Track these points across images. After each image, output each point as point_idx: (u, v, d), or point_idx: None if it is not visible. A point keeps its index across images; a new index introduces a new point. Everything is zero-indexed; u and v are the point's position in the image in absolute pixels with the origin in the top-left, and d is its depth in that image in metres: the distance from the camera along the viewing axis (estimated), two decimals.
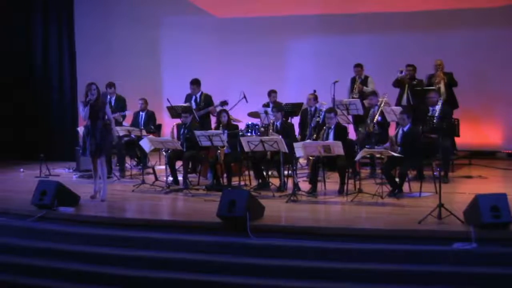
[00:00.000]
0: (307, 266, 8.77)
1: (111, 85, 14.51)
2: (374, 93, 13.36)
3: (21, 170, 14.93)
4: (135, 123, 14.50)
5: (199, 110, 13.97)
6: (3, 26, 16.77)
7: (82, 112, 11.41)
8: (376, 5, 16.37)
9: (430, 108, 12.78)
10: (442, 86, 14.16)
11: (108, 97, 14.31)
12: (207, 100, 14.12)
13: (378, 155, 12.11)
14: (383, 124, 12.89)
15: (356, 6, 16.50)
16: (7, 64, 16.67)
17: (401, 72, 14.27)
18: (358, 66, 14.71)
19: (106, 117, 11.48)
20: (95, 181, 11.74)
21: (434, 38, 15.96)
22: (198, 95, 14.16)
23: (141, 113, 14.63)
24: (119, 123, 14.09)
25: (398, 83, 14.32)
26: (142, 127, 13.96)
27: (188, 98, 14.25)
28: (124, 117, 14.59)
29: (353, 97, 14.29)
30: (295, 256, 8.96)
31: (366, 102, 13.47)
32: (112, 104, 14.37)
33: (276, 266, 8.83)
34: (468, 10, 15.86)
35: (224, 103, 13.81)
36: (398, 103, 14.19)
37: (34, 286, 9.28)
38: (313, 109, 13.79)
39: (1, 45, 16.80)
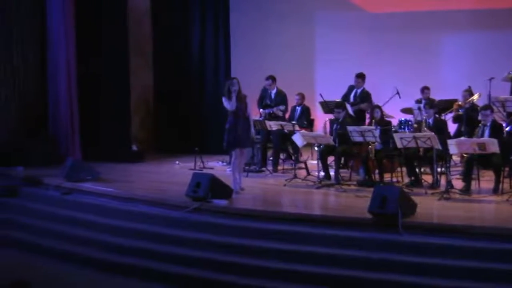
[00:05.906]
0: (460, 265, 8.66)
1: (269, 77, 14.53)
2: None
3: (177, 162, 15.35)
4: (291, 117, 14.60)
5: (352, 105, 14.00)
6: (163, 27, 17.30)
7: (228, 104, 11.59)
8: None
9: None
10: None
11: (268, 91, 14.51)
12: (364, 96, 14.14)
13: None
14: None
15: None
16: (167, 64, 17.18)
17: None
18: None
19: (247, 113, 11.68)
20: (233, 175, 11.81)
21: None
22: (359, 90, 14.23)
23: (297, 107, 14.73)
24: (278, 118, 14.20)
25: None
26: (295, 122, 14.05)
27: (349, 89, 14.40)
28: (283, 111, 14.47)
29: None
30: (447, 255, 8.85)
31: None
32: (272, 97, 14.51)
33: (427, 264, 8.77)
34: None
35: (377, 106, 13.74)
36: None
37: (189, 275, 9.62)
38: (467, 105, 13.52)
39: (162, 45, 17.33)
